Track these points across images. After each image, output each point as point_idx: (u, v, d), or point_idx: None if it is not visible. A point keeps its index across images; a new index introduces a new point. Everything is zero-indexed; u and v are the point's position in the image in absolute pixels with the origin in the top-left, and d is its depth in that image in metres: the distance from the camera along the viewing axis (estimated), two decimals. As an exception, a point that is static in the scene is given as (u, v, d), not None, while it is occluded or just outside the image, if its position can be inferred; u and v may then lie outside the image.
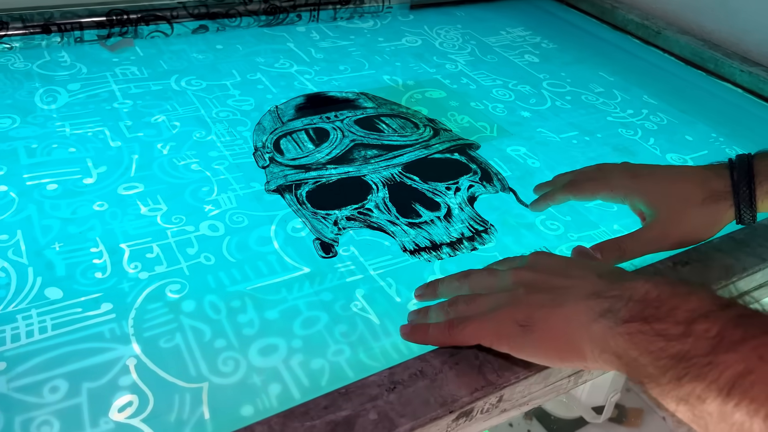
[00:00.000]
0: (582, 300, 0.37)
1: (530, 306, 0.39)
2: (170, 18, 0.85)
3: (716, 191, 0.51)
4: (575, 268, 0.41)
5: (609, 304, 0.36)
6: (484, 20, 1.05)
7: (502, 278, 0.43)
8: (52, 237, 0.52)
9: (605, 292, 0.37)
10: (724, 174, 0.51)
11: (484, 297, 0.42)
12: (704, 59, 0.95)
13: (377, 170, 0.64)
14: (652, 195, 0.53)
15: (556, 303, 0.38)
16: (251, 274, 0.51)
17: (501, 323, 0.39)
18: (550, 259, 0.44)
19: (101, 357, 0.43)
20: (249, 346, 0.45)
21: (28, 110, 0.68)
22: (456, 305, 0.43)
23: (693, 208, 0.51)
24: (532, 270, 0.42)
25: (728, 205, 0.50)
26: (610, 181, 0.55)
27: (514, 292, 0.41)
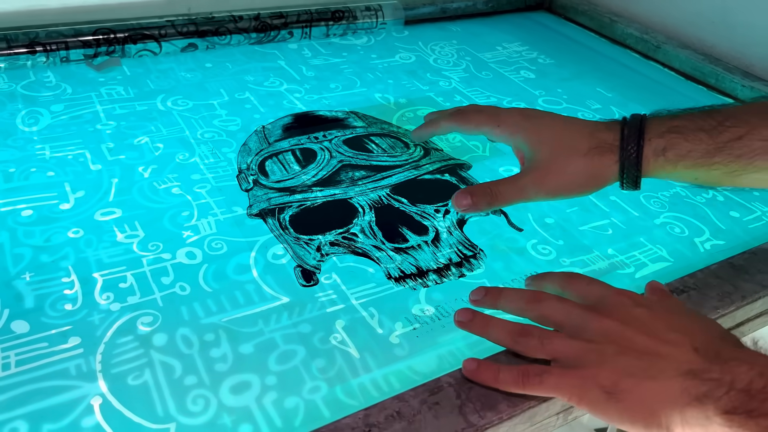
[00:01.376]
0: (677, 377, 0.34)
1: (618, 371, 0.36)
2: (158, 36, 0.83)
3: (603, 143, 0.48)
4: (668, 329, 0.38)
5: (707, 389, 0.33)
6: (480, 35, 1.04)
7: (583, 320, 0.39)
8: (23, 266, 0.50)
9: (703, 372, 0.34)
10: (615, 128, 0.49)
11: (562, 341, 0.39)
12: (705, 74, 0.93)
13: (364, 192, 0.62)
14: (536, 136, 0.50)
15: (648, 374, 0.35)
16: (227, 305, 0.49)
17: (584, 385, 0.36)
18: (638, 309, 0.40)
19: (65, 396, 0.41)
20: (220, 383, 0.43)
21: (8, 133, 0.66)
22: (528, 339, 0.40)
23: (575, 156, 0.48)
24: (620, 322, 0.38)
25: (613, 161, 0.48)
26: (499, 116, 0.53)
27: (600, 348, 0.37)
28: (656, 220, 0.64)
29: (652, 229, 0.62)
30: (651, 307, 0.40)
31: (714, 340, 0.36)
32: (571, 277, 0.45)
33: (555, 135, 0.49)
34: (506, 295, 0.44)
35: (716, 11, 0.96)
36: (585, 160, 0.47)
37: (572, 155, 0.48)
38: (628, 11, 1.08)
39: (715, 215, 0.65)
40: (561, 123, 0.51)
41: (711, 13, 0.96)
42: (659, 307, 0.40)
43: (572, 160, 0.48)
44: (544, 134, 0.50)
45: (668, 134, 0.48)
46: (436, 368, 0.45)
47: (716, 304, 0.50)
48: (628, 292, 0.42)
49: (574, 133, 0.49)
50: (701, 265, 0.55)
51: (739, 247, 0.59)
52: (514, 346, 0.40)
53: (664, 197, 0.67)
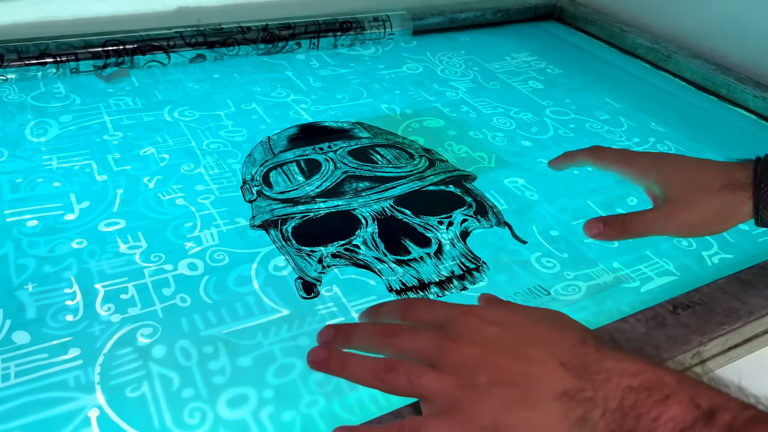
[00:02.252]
0: (553, 401, 0.33)
1: (496, 407, 0.34)
2: (167, 48, 0.84)
3: (735, 180, 0.48)
4: (528, 344, 0.36)
5: (583, 411, 0.32)
6: (488, 45, 1.03)
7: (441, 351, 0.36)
8: (26, 277, 0.51)
9: (576, 392, 0.33)
10: (749, 167, 0.49)
11: (431, 378, 0.35)
12: (716, 84, 0.92)
13: (368, 203, 0.62)
14: (668, 176, 0.50)
15: (525, 404, 0.34)
16: (227, 317, 0.49)
17: (465, 429, 0.34)
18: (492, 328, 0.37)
19: (63, 407, 0.41)
20: (218, 396, 0.43)
21: (17, 143, 0.67)
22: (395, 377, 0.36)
23: (708, 194, 0.48)
24: (480, 348, 0.36)
25: (746, 198, 0.47)
26: (632, 156, 0.53)
27: (470, 380, 0.35)
28: (663, 232, 0.63)
29: (659, 242, 0.62)
30: (502, 323, 0.37)
31: (576, 348, 0.35)
32: (407, 304, 0.41)
33: (687, 174, 0.50)
34: (359, 332, 0.39)
35: (728, 21, 0.95)
36: (717, 197, 0.47)
37: (704, 192, 0.48)
38: (638, 21, 1.07)
39: (724, 228, 0.64)
40: (693, 163, 0.51)
41: (722, 22, 0.95)
42: (510, 321, 0.38)
43: (704, 197, 0.48)
44: (676, 174, 0.50)
45: None
46: (435, 383, 0.44)
47: (723, 319, 0.49)
48: (472, 309, 0.39)
49: (706, 172, 0.49)
50: (708, 279, 0.55)
51: (747, 261, 0.58)
52: (379, 385, 0.36)
53: (671, 209, 0.66)
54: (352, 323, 0.40)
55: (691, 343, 0.47)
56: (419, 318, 0.39)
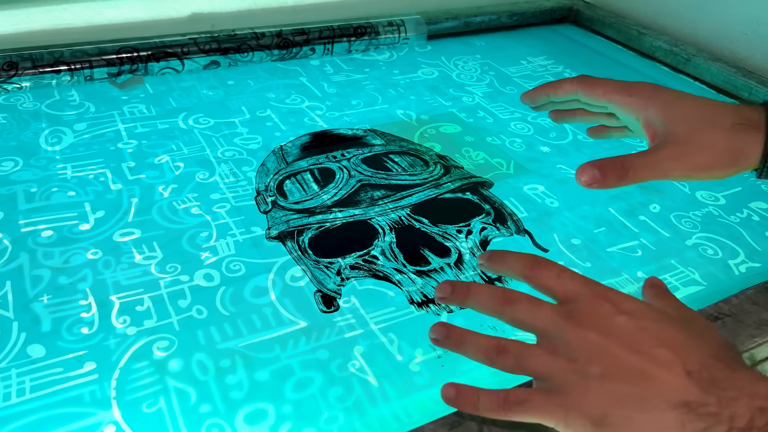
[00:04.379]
0: (671, 410, 0.31)
1: (605, 400, 0.32)
2: (181, 54, 0.84)
3: (748, 120, 0.43)
4: (656, 343, 0.33)
5: (705, 425, 0.30)
6: (504, 49, 1.02)
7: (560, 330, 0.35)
8: (41, 289, 0.50)
9: (699, 406, 0.31)
10: (760, 108, 0.44)
11: (540, 360, 0.34)
12: (737, 87, 0.90)
13: (384, 212, 0.61)
14: (673, 110, 0.44)
15: (639, 406, 0.32)
16: (244, 330, 0.48)
17: (569, 414, 0.33)
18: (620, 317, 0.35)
19: (79, 423, 0.41)
20: (236, 411, 0.42)
21: (31, 152, 0.67)
22: (505, 359, 0.35)
23: (719, 131, 0.43)
24: (601, 335, 0.34)
25: (757, 140, 0.42)
26: (630, 86, 0.46)
27: (583, 368, 0.33)
28: (688, 241, 0.61)
29: (684, 250, 0.60)
30: (634, 315, 0.35)
31: (708, 360, 0.33)
32: (537, 266, 0.38)
33: (695, 109, 0.44)
34: (475, 293, 0.38)
35: (749, 23, 0.93)
36: (729, 134, 0.42)
37: (715, 129, 0.43)
38: (656, 23, 1.06)
39: (751, 236, 0.63)
40: (701, 99, 0.45)
41: (743, 24, 0.94)
42: (644, 315, 0.35)
43: (716, 135, 0.43)
44: (682, 108, 0.44)
45: None
46: (458, 398, 0.43)
47: (753, 332, 0.48)
48: (607, 292, 0.36)
49: (715, 108, 0.44)
50: (736, 289, 0.53)
51: (776, 271, 0.57)
52: (490, 365, 0.36)
53: (695, 217, 0.65)
54: (470, 282, 0.39)
55: (721, 357, 0.46)
56: (546, 285, 0.37)
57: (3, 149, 0.67)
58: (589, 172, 0.41)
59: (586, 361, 0.33)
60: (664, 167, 0.42)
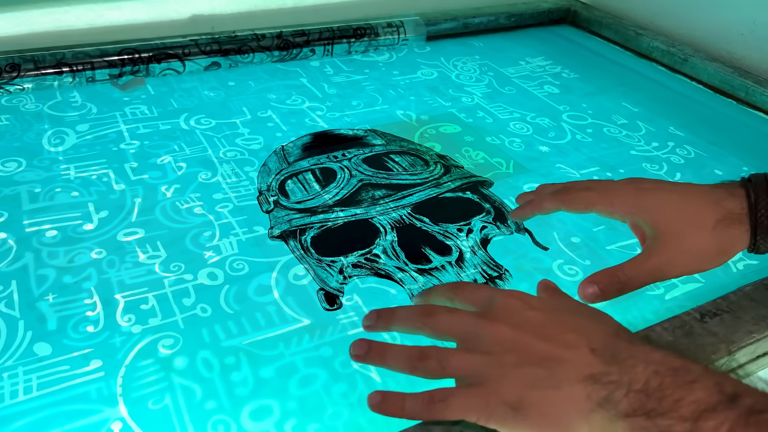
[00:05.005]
0: (579, 383, 0.34)
1: (521, 384, 0.35)
2: (182, 56, 0.84)
3: (731, 213, 0.44)
4: (563, 330, 0.37)
5: (607, 392, 0.33)
6: (502, 50, 1.03)
7: (476, 328, 0.38)
8: (47, 288, 0.51)
9: (602, 376, 0.34)
10: (740, 194, 0.45)
11: (460, 357, 0.37)
12: (734, 87, 0.91)
13: (386, 212, 0.62)
14: (657, 215, 0.46)
15: (551, 384, 0.34)
16: (248, 327, 0.49)
17: (489, 402, 0.35)
18: (530, 312, 0.38)
19: (86, 420, 0.41)
20: (241, 408, 0.43)
21: (34, 153, 0.67)
22: (427, 363, 0.38)
23: (703, 232, 0.44)
24: (513, 328, 0.37)
25: (743, 230, 0.44)
26: (610, 194, 0.48)
27: (498, 359, 0.36)
28: (686, 239, 0.62)
29: (682, 248, 0.61)
30: (542, 309, 0.39)
31: (609, 338, 0.36)
32: (456, 286, 0.43)
33: (676, 211, 0.46)
34: (399, 315, 0.41)
35: (745, 23, 0.94)
36: (713, 235, 0.44)
37: (699, 232, 0.44)
38: (654, 24, 1.07)
39: (748, 234, 0.63)
40: (680, 197, 0.47)
41: (739, 25, 0.94)
42: (550, 308, 0.39)
43: (699, 238, 0.44)
44: (664, 212, 0.46)
45: None
46: (460, 394, 0.44)
47: (751, 328, 0.48)
48: (516, 292, 0.40)
49: (695, 206, 0.46)
50: (734, 286, 0.53)
51: (773, 268, 0.57)
52: (413, 371, 0.38)
53: (693, 215, 0.66)
54: (393, 307, 0.42)
55: (719, 352, 0.46)
56: (465, 298, 0.41)
57: (6, 150, 0.67)
58: (587, 290, 0.44)
59: (501, 352, 0.36)
60: (656, 276, 0.45)
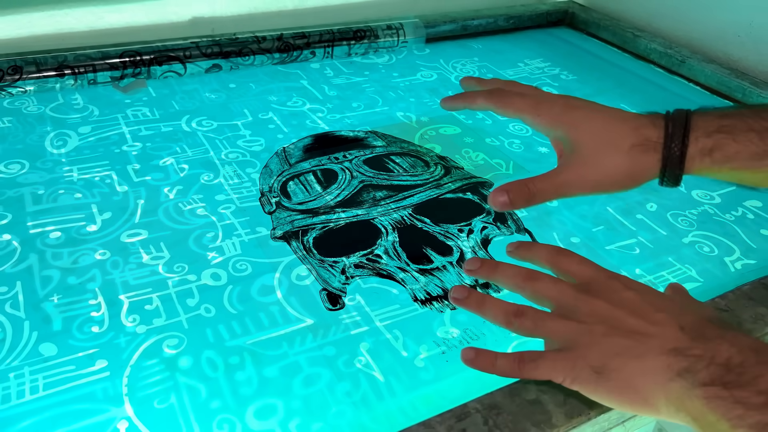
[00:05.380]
0: (662, 355, 0.36)
1: (607, 351, 0.37)
2: (183, 58, 0.85)
3: (646, 140, 0.45)
4: (656, 309, 0.39)
5: (689, 364, 0.35)
6: (501, 52, 1.03)
7: (576, 301, 0.40)
8: (51, 289, 0.51)
9: (687, 350, 0.35)
10: (660, 124, 0.46)
11: (554, 322, 0.40)
12: (731, 88, 0.91)
13: (387, 212, 0.62)
14: (577, 130, 0.47)
15: (635, 354, 0.37)
16: (252, 327, 0.49)
17: (576, 365, 0.38)
18: (628, 292, 0.40)
19: (92, 419, 0.41)
20: (246, 406, 0.43)
21: (37, 155, 0.67)
22: (523, 320, 0.41)
23: (617, 153, 0.45)
24: (610, 304, 0.40)
25: (656, 159, 0.45)
26: (540, 106, 0.49)
27: (590, 328, 0.39)
28: (684, 239, 0.63)
29: (681, 248, 0.61)
30: (640, 291, 0.41)
31: (701, 321, 0.38)
32: (561, 254, 0.45)
33: (596, 129, 0.47)
34: (502, 270, 0.44)
35: (742, 25, 0.94)
36: (626, 157, 0.45)
37: (613, 152, 0.46)
38: (651, 26, 1.07)
39: (746, 233, 0.64)
40: (603, 116, 0.48)
41: (736, 27, 0.95)
42: (649, 291, 0.41)
43: (613, 158, 0.46)
44: (585, 128, 0.47)
45: (716, 134, 0.45)
46: (463, 393, 0.44)
47: (750, 326, 0.49)
48: (619, 275, 0.43)
49: (616, 128, 0.46)
50: (732, 285, 0.54)
51: (771, 267, 0.58)
52: (508, 325, 0.41)
53: (692, 215, 0.66)
54: (497, 261, 0.45)
55: (718, 351, 0.47)
56: (568, 269, 0.43)
57: (9, 152, 0.67)
58: (498, 198, 0.45)
59: (593, 323, 0.39)
60: (566, 190, 0.47)
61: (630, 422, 0.44)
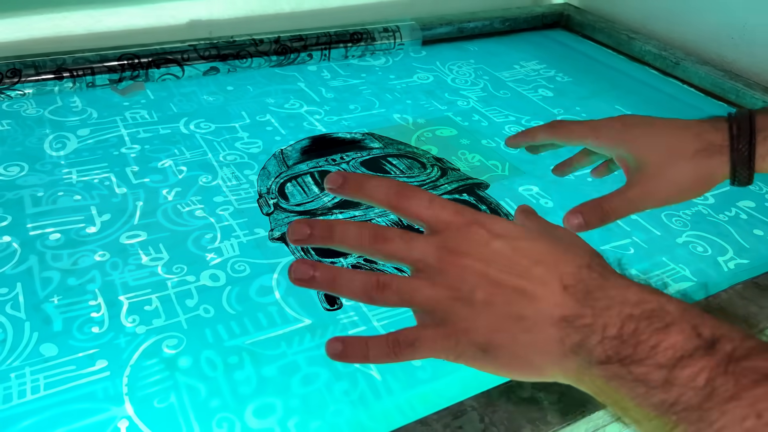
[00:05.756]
0: (550, 326, 0.32)
1: (490, 326, 0.33)
2: (181, 61, 0.85)
3: (711, 144, 0.45)
4: (532, 261, 0.34)
5: (581, 337, 0.32)
6: (497, 54, 1.04)
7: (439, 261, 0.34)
8: (52, 290, 0.51)
9: (576, 318, 0.32)
10: (722, 127, 0.46)
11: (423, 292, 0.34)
12: (725, 90, 0.92)
13: (384, 213, 0.63)
14: (639, 145, 0.47)
15: (522, 327, 0.33)
16: (250, 327, 0.50)
17: (458, 343, 0.33)
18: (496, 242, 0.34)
19: (93, 418, 0.42)
20: (245, 405, 0.43)
21: (36, 157, 0.68)
22: (386, 294, 0.34)
23: (682, 162, 0.45)
24: (480, 261, 0.34)
25: (723, 162, 0.45)
26: (598, 128, 0.50)
27: (466, 296, 0.33)
28: (678, 239, 0.63)
29: (675, 248, 0.62)
30: (508, 237, 0.35)
31: (582, 271, 0.33)
32: (403, 194, 0.36)
33: (658, 142, 0.47)
34: (341, 233, 0.36)
35: (735, 28, 0.95)
36: (692, 164, 0.45)
37: (678, 161, 0.46)
38: (646, 28, 1.08)
39: (739, 233, 0.65)
40: (663, 129, 0.48)
41: (730, 29, 0.96)
42: (517, 235, 0.35)
43: (679, 167, 0.46)
44: (646, 143, 0.47)
45: None
46: (459, 391, 0.45)
47: (741, 324, 0.49)
48: (478, 217, 0.36)
49: (677, 137, 0.47)
50: (725, 284, 0.55)
51: (763, 266, 0.58)
52: (370, 302, 0.35)
53: (686, 215, 0.67)
54: (330, 220, 0.38)
55: (711, 349, 0.47)
56: (417, 215, 0.36)
57: (8, 155, 0.68)
58: (573, 221, 0.45)
59: (469, 289, 0.34)
60: (638, 205, 0.46)
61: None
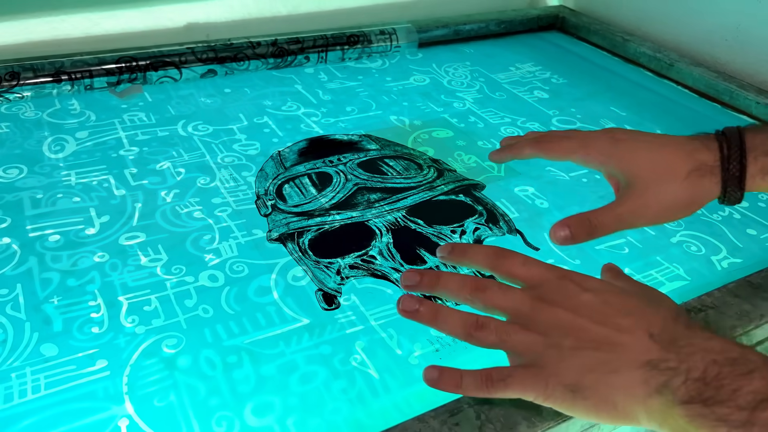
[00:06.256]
0: (637, 369, 0.35)
1: (579, 368, 0.36)
2: (179, 63, 0.86)
3: (703, 164, 0.45)
4: (620, 314, 0.37)
5: (665, 379, 0.34)
6: (493, 56, 1.05)
7: (533, 311, 0.38)
8: (51, 291, 0.52)
9: (660, 362, 0.34)
10: (713, 146, 0.45)
11: (519, 336, 0.38)
12: (719, 91, 0.93)
13: (381, 214, 0.63)
14: (630, 163, 0.46)
15: (608, 369, 0.35)
16: (249, 327, 0.50)
17: (548, 384, 0.36)
18: (585, 295, 0.38)
19: (93, 417, 0.42)
20: (244, 404, 0.44)
21: (35, 160, 0.68)
22: (485, 334, 0.38)
23: (674, 182, 0.45)
24: (570, 312, 0.38)
25: (714, 182, 0.45)
26: (587, 144, 0.49)
27: (556, 342, 0.37)
28: (672, 238, 0.64)
29: (669, 247, 0.63)
30: (596, 291, 0.39)
31: (667, 323, 0.36)
32: (501, 256, 0.41)
33: (649, 160, 0.46)
34: (445, 282, 0.41)
35: (729, 29, 0.96)
36: (685, 185, 0.45)
37: (671, 181, 0.45)
38: (640, 30, 1.09)
39: (732, 233, 0.66)
40: (654, 146, 0.47)
41: (724, 31, 0.97)
42: (605, 289, 0.39)
43: (671, 187, 0.45)
44: (637, 160, 0.47)
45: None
46: (456, 389, 0.45)
47: (734, 323, 0.50)
48: (570, 274, 0.40)
49: (669, 156, 0.46)
50: (719, 283, 0.55)
51: (756, 265, 0.59)
52: (468, 339, 0.39)
53: (680, 215, 0.68)
54: (438, 271, 0.42)
55: (704, 346, 0.48)
56: (513, 273, 0.40)
57: (7, 157, 0.68)
58: (559, 233, 0.44)
59: (559, 336, 0.37)
60: (627, 221, 0.46)
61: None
